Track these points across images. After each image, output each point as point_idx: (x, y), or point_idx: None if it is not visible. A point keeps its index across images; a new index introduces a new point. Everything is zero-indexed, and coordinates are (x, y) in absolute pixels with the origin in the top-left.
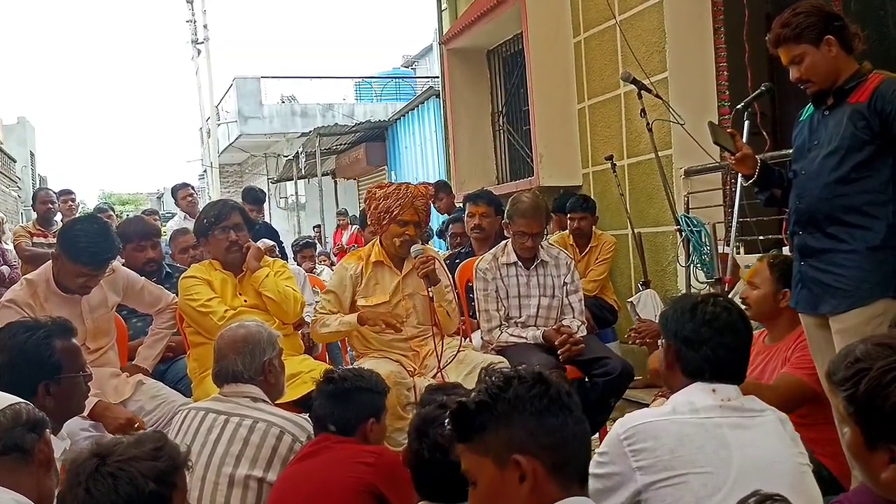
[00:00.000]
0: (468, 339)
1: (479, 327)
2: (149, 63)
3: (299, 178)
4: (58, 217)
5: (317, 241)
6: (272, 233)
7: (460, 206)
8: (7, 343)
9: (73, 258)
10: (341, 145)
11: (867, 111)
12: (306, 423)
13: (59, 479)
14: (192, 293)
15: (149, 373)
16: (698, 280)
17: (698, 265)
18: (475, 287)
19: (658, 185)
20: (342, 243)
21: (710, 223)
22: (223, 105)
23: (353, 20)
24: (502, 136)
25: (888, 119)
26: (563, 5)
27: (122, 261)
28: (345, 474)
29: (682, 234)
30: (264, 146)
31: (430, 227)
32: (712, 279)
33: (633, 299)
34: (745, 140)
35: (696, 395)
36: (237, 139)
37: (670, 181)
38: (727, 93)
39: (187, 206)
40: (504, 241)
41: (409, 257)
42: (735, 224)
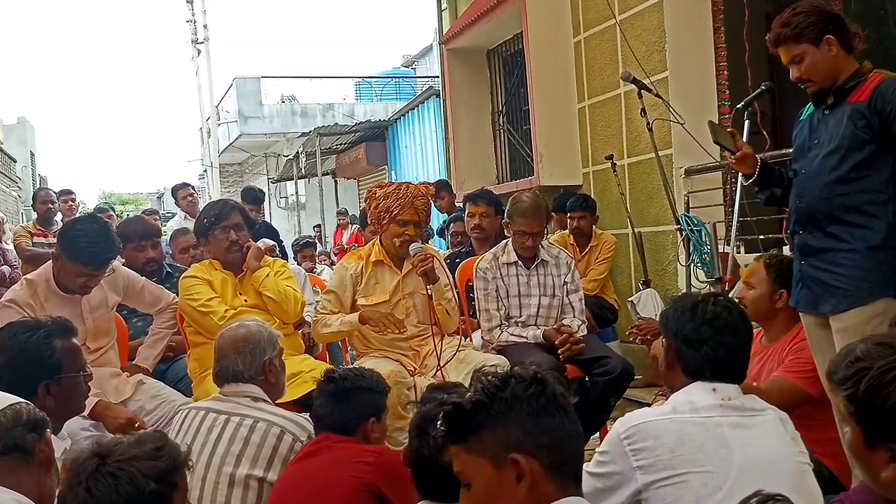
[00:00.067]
0: (468, 338)
1: (480, 327)
2: (149, 63)
3: (299, 178)
4: (58, 217)
5: (317, 240)
6: (272, 232)
7: (461, 205)
8: (7, 343)
9: (74, 258)
10: (341, 145)
11: (867, 110)
12: (307, 423)
13: (60, 478)
14: (192, 293)
15: (149, 372)
16: (698, 279)
17: (698, 264)
18: (475, 286)
19: (658, 185)
20: (342, 243)
21: (711, 222)
22: (223, 105)
23: (353, 20)
24: (502, 135)
25: (888, 118)
26: (563, 5)
27: (122, 261)
28: (345, 474)
29: (682, 234)
30: (264, 146)
31: (430, 227)
32: (712, 278)
33: (633, 298)
34: (745, 139)
35: (697, 395)
36: (237, 139)
37: (670, 180)
38: (727, 92)
39: (187, 206)
40: (504, 241)
41: (409, 257)
42: (735, 223)
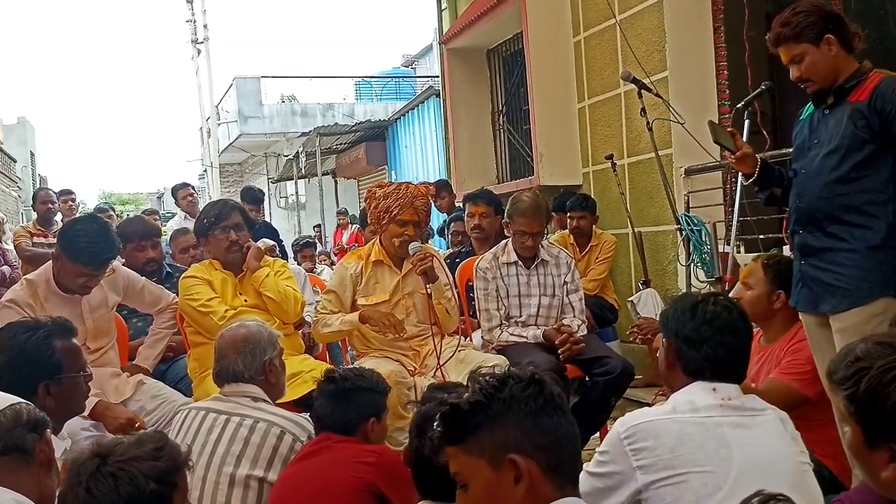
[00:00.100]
0: (468, 338)
1: (480, 327)
2: (149, 63)
3: (299, 178)
4: (58, 217)
5: (317, 240)
6: (271, 232)
7: (460, 205)
8: (7, 343)
9: (74, 258)
10: (341, 145)
11: (867, 110)
12: (307, 423)
13: (61, 479)
14: (192, 293)
15: (149, 373)
16: (698, 279)
17: (698, 264)
18: (475, 286)
19: (658, 185)
20: (342, 243)
21: (711, 222)
22: (223, 105)
23: (353, 20)
24: (502, 135)
25: (888, 118)
26: (563, 5)
27: (122, 261)
28: (346, 474)
29: (682, 234)
30: (264, 146)
31: (430, 227)
32: (712, 278)
33: (633, 298)
34: (745, 139)
35: (697, 394)
36: (237, 139)
37: (670, 180)
38: (727, 92)
39: (187, 206)
40: (504, 241)
41: (409, 257)
42: (735, 223)
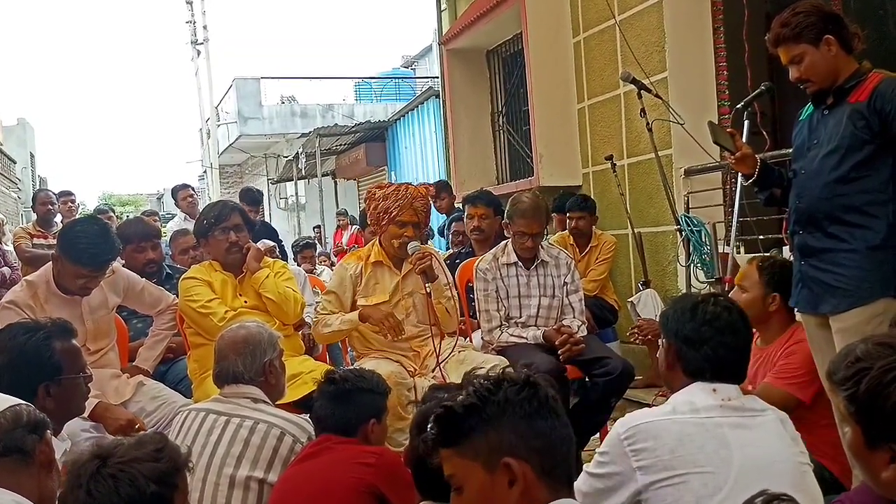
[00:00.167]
0: (468, 339)
1: (480, 327)
2: (149, 64)
3: (299, 179)
4: (58, 218)
5: (317, 241)
6: (271, 232)
7: (460, 205)
8: (7, 344)
9: (74, 259)
10: (341, 146)
11: (867, 110)
12: (307, 424)
13: (61, 480)
14: (192, 294)
15: (149, 374)
16: (698, 280)
17: (698, 265)
18: (475, 287)
19: (658, 185)
20: (342, 244)
21: (710, 223)
22: (223, 106)
23: (352, 20)
24: (502, 136)
25: (888, 118)
26: (563, 5)
27: (122, 262)
28: (346, 475)
29: (682, 234)
30: (264, 147)
31: (430, 228)
32: (712, 279)
33: (633, 299)
34: (744, 139)
35: (697, 395)
36: (237, 140)
37: (670, 181)
38: (727, 92)
39: (187, 207)
40: (504, 241)
41: (409, 257)
42: (735, 223)
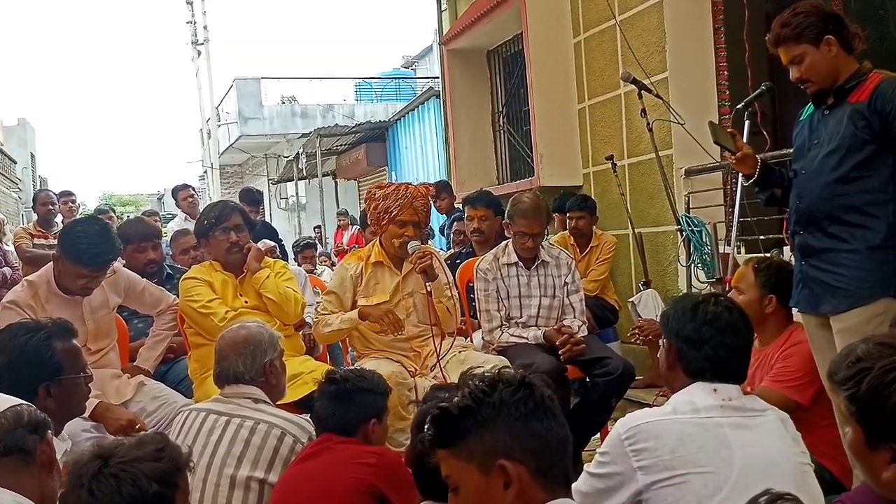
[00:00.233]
0: (469, 339)
1: (480, 327)
2: (149, 64)
3: (300, 179)
4: (58, 218)
5: (317, 241)
6: (271, 232)
7: (460, 206)
8: (7, 345)
9: (75, 260)
10: (342, 146)
11: (867, 111)
12: (307, 424)
13: (62, 480)
14: (192, 294)
15: (150, 374)
16: (699, 280)
17: (699, 265)
18: (476, 287)
19: (658, 185)
20: (343, 244)
21: (711, 223)
22: (223, 106)
23: (353, 20)
24: (502, 136)
25: (888, 118)
26: (563, 5)
27: (122, 262)
28: (346, 475)
29: (682, 234)
30: (265, 147)
31: (430, 228)
32: (713, 279)
33: (633, 299)
34: (745, 140)
35: (697, 395)
36: (237, 140)
37: (671, 181)
38: (727, 92)
39: (188, 208)
40: (505, 242)
41: (409, 257)
42: (736, 224)
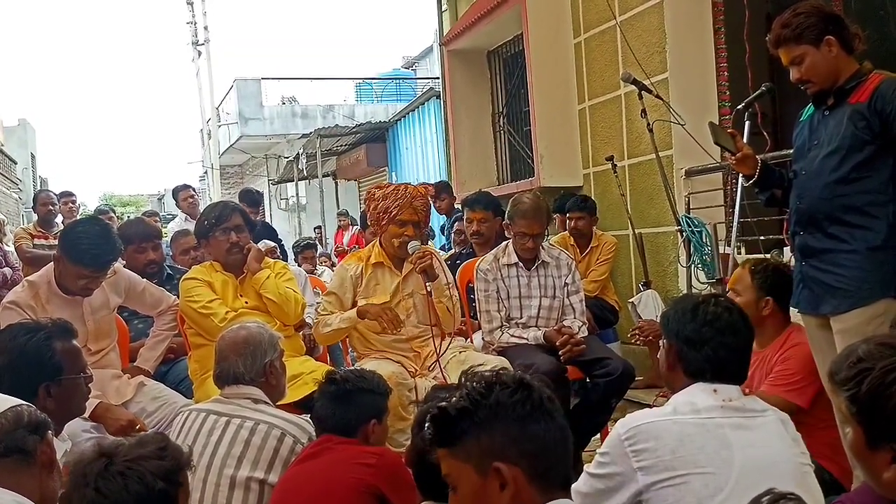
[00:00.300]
0: (469, 339)
1: (481, 328)
2: (149, 65)
3: (300, 180)
4: (58, 219)
5: (317, 242)
6: (270, 232)
7: (460, 206)
8: (7, 345)
9: (75, 260)
10: (342, 146)
11: (867, 111)
12: (307, 425)
13: (62, 480)
14: (193, 295)
15: (150, 374)
16: (699, 280)
17: (699, 265)
18: (476, 288)
19: (659, 186)
20: (343, 244)
21: (711, 223)
22: (224, 106)
23: (353, 21)
24: (503, 136)
25: (888, 119)
26: (564, 6)
27: (123, 262)
28: (346, 475)
29: (682, 235)
30: (265, 147)
31: (430, 228)
32: (713, 279)
33: (634, 300)
34: (745, 140)
35: (698, 396)
36: (238, 140)
37: (671, 181)
38: (728, 93)
39: (188, 208)
40: (505, 242)
41: (409, 257)
42: (736, 224)
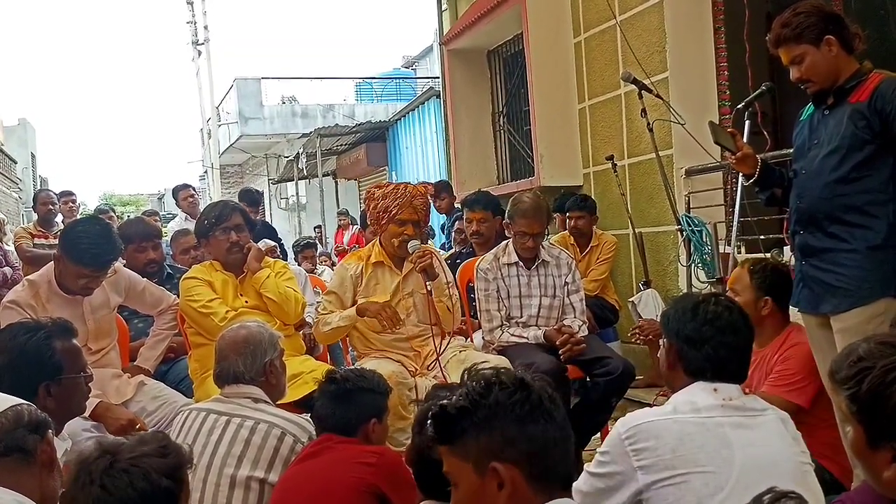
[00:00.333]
0: (469, 339)
1: (481, 327)
2: (149, 64)
3: (300, 179)
4: (58, 218)
5: (317, 241)
6: (270, 232)
7: (460, 205)
8: (7, 344)
9: (76, 259)
10: (342, 146)
11: (867, 111)
12: (307, 424)
13: (63, 479)
14: (193, 294)
15: (150, 374)
16: (699, 280)
17: (699, 265)
18: (476, 287)
19: (659, 185)
20: (343, 244)
21: (711, 223)
22: (224, 106)
23: (353, 20)
24: (503, 136)
25: (888, 118)
26: (564, 5)
27: (123, 262)
28: (346, 474)
29: (682, 234)
30: (265, 147)
31: (430, 227)
32: (713, 279)
33: (634, 299)
34: (745, 140)
35: (698, 395)
36: (238, 140)
37: (671, 181)
38: (728, 92)
39: (188, 207)
40: (505, 241)
41: (409, 256)
42: (736, 223)
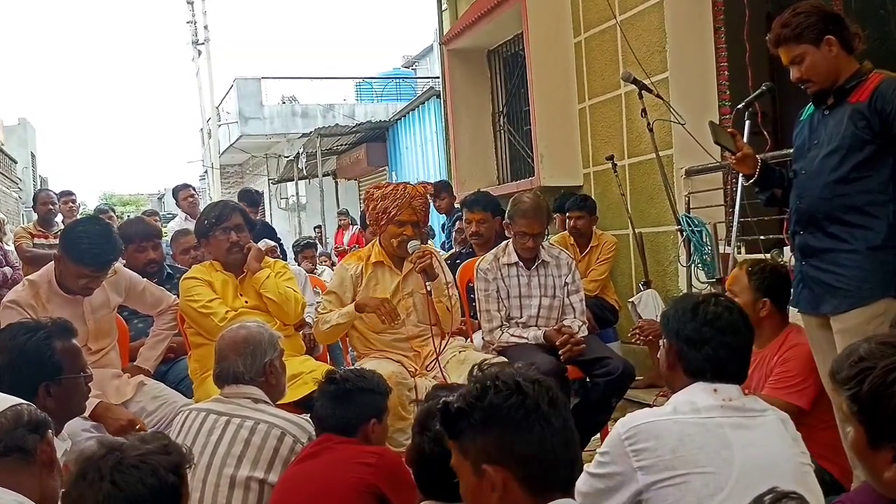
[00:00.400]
0: (469, 339)
1: (481, 327)
2: (149, 64)
3: (300, 179)
4: (58, 218)
5: (317, 241)
6: (270, 232)
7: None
8: (7, 344)
9: (76, 259)
10: (342, 146)
11: (867, 111)
12: (307, 424)
13: (63, 479)
14: (193, 294)
15: (150, 374)
16: (699, 280)
17: (699, 265)
18: (476, 287)
19: (659, 185)
20: (343, 244)
21: (711, 223)
22: (224, 106)
23: (353, 20)
24: (503, 136)
25: (888, 118)
26: (564, 5)
27: (123, 262)
28: (346, 475)
29: (682, 234)
30: (265, 147)
31: (430, 227)
32: (713, 279)
33: (634, 299)
34: (745, 140)
35: (698, 395)
36: (238, 140)
37: (671, 181)
38: (728, 92)
39: (188, 207)
40: (505, 242)
41: (409, 256)
42: (736, 224)
